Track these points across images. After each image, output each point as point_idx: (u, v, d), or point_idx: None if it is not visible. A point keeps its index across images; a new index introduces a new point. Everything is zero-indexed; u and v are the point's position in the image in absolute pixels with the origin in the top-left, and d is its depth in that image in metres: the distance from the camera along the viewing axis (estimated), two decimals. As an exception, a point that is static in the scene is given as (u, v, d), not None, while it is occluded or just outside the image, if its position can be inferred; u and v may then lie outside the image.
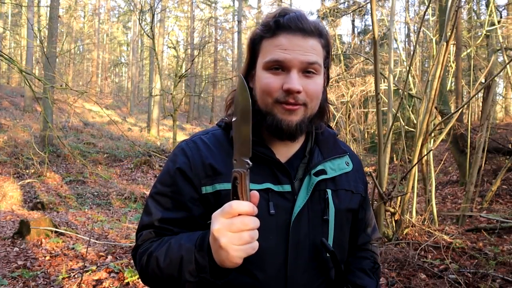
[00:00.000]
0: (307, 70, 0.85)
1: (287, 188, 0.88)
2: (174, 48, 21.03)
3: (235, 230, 0.67)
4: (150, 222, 0.90)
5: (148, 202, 0.93)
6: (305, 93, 0.85)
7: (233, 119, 0.73)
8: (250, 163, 0.70)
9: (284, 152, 0.93)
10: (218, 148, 0.92)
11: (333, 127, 1.06)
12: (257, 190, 0.79)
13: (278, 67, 0.85)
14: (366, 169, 11.97)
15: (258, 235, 0.70)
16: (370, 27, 11.86)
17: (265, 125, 0.89)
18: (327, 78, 0.97)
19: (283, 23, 0.85)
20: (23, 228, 5.40)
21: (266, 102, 0.87)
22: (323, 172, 0.92)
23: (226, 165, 0.86)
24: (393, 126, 4.20)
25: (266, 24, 0.88)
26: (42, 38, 9.03)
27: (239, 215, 0.68)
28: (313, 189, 0.90)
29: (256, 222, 0.69)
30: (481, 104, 9.74)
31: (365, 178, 1.06)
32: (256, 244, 0.70)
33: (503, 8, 11.01)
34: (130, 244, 5.19)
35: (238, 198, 0.70)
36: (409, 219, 4.54)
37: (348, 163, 0.99)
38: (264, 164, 0.88)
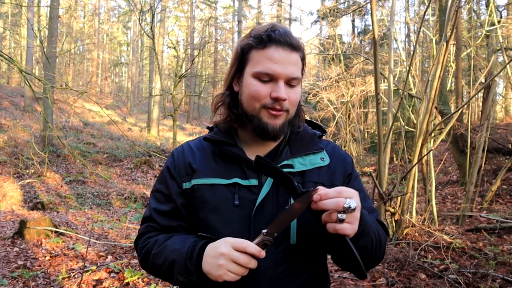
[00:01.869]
0: (291, 83, 0.99)
1: (254, 182, 1.00)
2: (174, 48, 21.05)
3: (237, 262, 0.84)
4: (148, 215, 1.08)
5: (150, 198, 1.12)
6: (288, 101, 0.99)
7: (289, 208, 0.86)
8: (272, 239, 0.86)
9: (259, 151, 1.06)
10: (200, 150, 1.09)
11: (333, 127, 1.10)
12: (226, 185, 0.99)
13: (268, 78, 0.98)
14: (366, 169, 11.96)
15: (247, 272, 0.85)
16: (370, 27, 11.88)
17: (250, 127, 1.02)
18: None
19: (274, 37, 0.97)
20: (23, 228, 5.41)
21: (253, 106, 1.00)
22: (289, 166, 1.01)
23: (202, 164, 1.05)
24: (393, 126, 4.20)
25: (258, 37, 0.99)
26: (42, 38, 9.03)
27: (244, 252, 0.84)
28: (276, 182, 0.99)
29: (253, 265, 0.85)
30: (481, 104, 9.74)
31: (349, 170, 1.09)
32: (239, 277, 0.85)
33: (503, 8, 11.03)
34: (130, 244, 5.19)
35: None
36: (409, 219, 4.54)
37: (323, 158, 1.06)
38: (235, 162, 1.02)
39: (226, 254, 0.85)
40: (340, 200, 0.80)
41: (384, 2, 15.21)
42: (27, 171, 10.16)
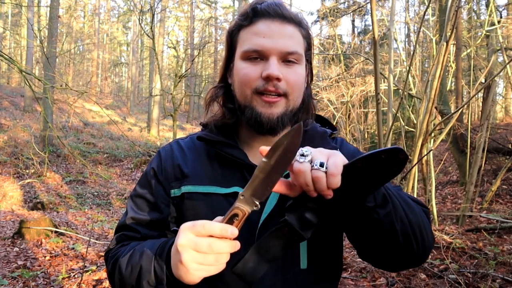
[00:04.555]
0: (287, 59, 0.82)
1: None
2: (174, 48, 21.06)
3: (200, 251, 0.63)
4: (124, 223, 0.90)
5: (127, 203, 0.94)
6: (286, 82, 0.81)
7: (265, 160, 0.63)
8: (259, 206, 0.64)
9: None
10: (192, 151, 0.92)
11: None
12: (224, 194, 0.82)
13: (257, 56, 0.81)
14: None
15: (228, 258, 0.65)
16: (370, 27, 11.87)
17: (244, 120, 0.85)
18: (310, 73, 0.93)
19: (261, 10, 0.82)
20: (23, 228, 5.41)
21: (245, 94, 0.83)
22: None
23: (194, 168, 0.87)
24: (393, 126, 4.19)
25: (243, 13, 0.84)
26: (42, 38, 9.03)
27: (210, 236, 0.63)
28: None
29: (227, 248, 0.63)
30: (481, 104, 9.75)
31: None
32: (221, 267, 0.65)
33: (503, 8, 11.02)
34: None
35: None
36: (409, 219, 4.53)
37: None
38: (235, 167, 0.85)
39: (186, 245, 0.63)
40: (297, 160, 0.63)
41: (384, 2, 15.21)
42: (27, 171, 10.16)
